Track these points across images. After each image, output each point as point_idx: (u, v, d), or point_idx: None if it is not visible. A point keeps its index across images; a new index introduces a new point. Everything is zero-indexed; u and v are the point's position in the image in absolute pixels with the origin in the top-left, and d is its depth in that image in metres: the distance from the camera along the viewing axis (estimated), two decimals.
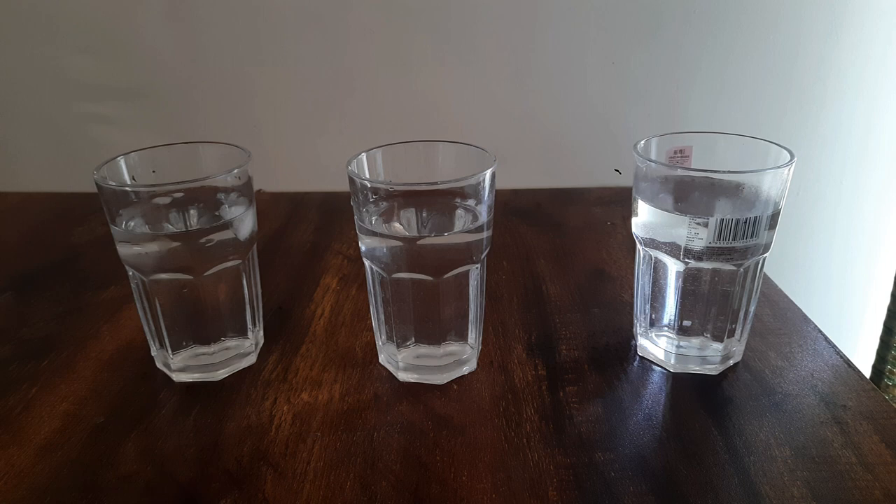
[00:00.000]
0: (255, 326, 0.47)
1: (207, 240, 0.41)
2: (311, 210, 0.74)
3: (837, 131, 0.86)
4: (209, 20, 0.78)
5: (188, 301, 0.43)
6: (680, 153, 0.45)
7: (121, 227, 0.41)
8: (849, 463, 0.37)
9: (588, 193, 0.79)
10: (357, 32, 0.79)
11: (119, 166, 0.43)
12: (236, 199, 0.43)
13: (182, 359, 0.45)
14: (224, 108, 0.83)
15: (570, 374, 0.45)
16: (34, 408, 0.43)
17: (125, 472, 0.37)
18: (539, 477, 0.36)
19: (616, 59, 0.81)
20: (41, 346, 0.49)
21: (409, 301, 0.42)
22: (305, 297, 0.56)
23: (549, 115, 0.84)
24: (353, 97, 0.83)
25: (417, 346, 0.44)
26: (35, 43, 0.80)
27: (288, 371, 0.46)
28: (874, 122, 0.86)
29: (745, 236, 0.40)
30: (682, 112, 0.84)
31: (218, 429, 0.41)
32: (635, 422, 0.41)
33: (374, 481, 0.36)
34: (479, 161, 0.41)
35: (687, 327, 0.44)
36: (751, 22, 0.80)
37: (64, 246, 0.66)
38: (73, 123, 0.84)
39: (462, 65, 0.81)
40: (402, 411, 0.42)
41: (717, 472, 0.37)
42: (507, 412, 0.41)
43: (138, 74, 0.81)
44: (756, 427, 0.40)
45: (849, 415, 0.41)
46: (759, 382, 0.44)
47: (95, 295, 0.56)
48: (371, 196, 0.41)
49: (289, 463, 0.38)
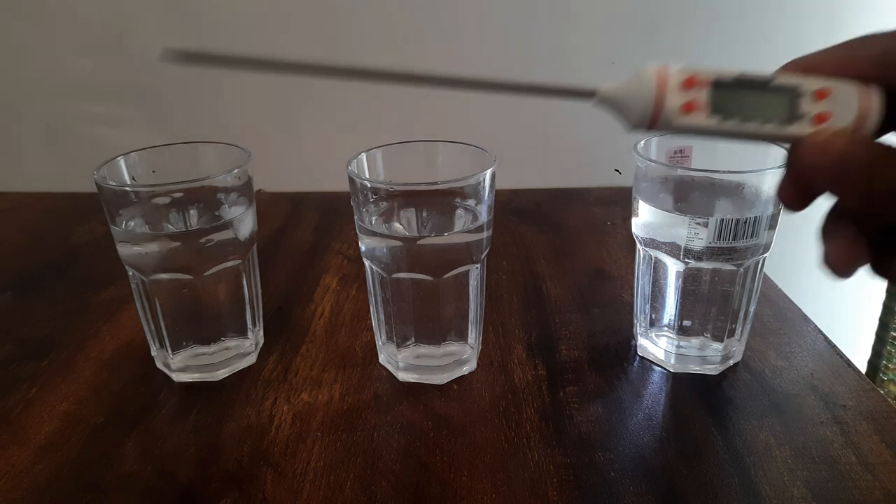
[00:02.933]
0: (255, 326, 0.47)
1: (207, 240, 0.41)
2: (311, 210, 0.74)
3: None
4: (209, 20, 0.78)
5: (188, 301, 0.43)
6: (680, 153, 0.45)
7: (121, 227, 0.41)
8: (849, 463, 0.37)
9: (588, 193, 0.79)
10: (357, 32, 0.79)
11: (119, 166, 0.43)
12: (236, 199, 0.43)
13: (182, 359, 0.45)
14: (224, 108, 0.83)
15: (570, 374, 0.45)
16: (34, 408, 0.43)
17: (125, 472, 0.37)
18: (539, 477, 0.36)
19: (616, 59, 0.81)
20: (41, 346, 0.49)
21: (409, 301, 0.42)
22: (305, 297, 0.56)
23: (549, 115, 0.84)
24: (353, 97, 0.83)
25: (417, 346, 0.44)
26: (35, 43, 0.80)
27: (288, 371, 0.46)
28: None
29: (745, 236, 0.40)
30: None
31: (218, 429, 0.41)
32: (635, 422, 0.41)
33: (374, 481, 0.36)
34: (479, 161, 0.41)
35: (687, 327, 0.44)
36: (750, 21, 0.80)
37: (64, 246, 0.66)
38: (73, 123, 0.84)
39: (462, 64, 0.81)
40: (402, 411, 0.42)
41: (717, 472, 0.37)
42: (507, 412, 0.41)
43: (138, 74, 0.81)
44: (756, 427, 0.40)
45: (849, 415, 0.41)
46: (759, 382, 0.44)
47: (95, 295, 0.56)
48: (371, 196, 0.41)
49: (289, 463, 0.38)
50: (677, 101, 0.25)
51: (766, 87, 0.26)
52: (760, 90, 0.26)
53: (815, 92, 0.25)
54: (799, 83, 0.26)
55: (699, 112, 0.25)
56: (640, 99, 0.25)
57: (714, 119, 0.25)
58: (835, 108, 0.25)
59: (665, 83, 0.25)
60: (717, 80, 0.25)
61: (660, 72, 0.25)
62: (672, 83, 0.25)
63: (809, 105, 0.25)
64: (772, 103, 0.25)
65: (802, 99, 0.25)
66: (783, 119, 0.25)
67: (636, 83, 0.25)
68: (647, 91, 0.25)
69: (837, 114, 0.25)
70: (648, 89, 0.25)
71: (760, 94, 0.26)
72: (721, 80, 0.26)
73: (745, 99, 0.25)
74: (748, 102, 0.25)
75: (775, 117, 0.25)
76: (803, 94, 0.25)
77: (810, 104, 0.25)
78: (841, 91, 0.25)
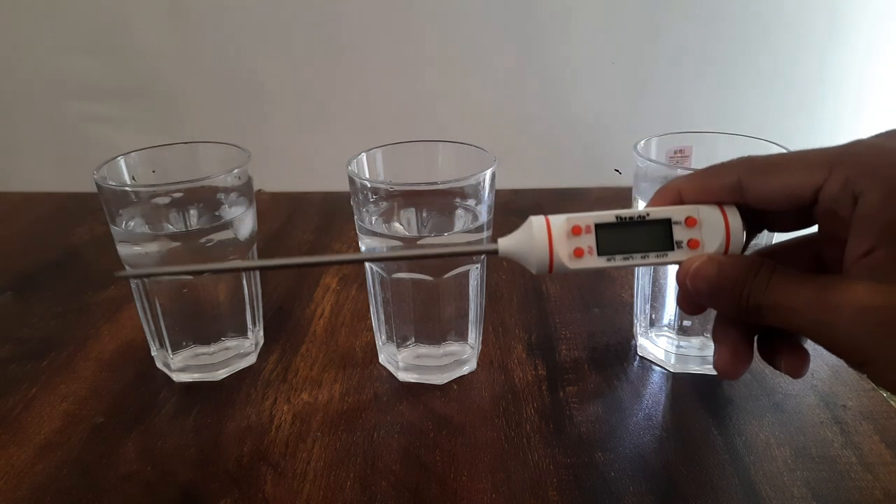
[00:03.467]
0: (255, 326, 0.47)
1: (207, 240, 0.41)
2: (311, 210, 0.74)
3: (837, 131, 0.86)
4: (209, 20, 0.78)
5: (188, 301, 0.43)
6: (680, 153, 0.45)
7: (121, 227, 0.41)
8: (849, 463, 0.37)
9: (588, 193, 0.79)
10: (357, 32, 0.79)
11: (119, 166, 0.43)
12: (236, 199, 0.43)
13: (182, 359, 0.45)
14: (224, 108, 0.83)
15: (570, 374, 0.45)
16: (34, 408, 0.43)
17: (125, 472, 0.37)
18: (539, 477, 0.36)
19: (616, 59, 0.81)
20: (41, 346, 0.49)
21: (409, 301, 0.42)
22: (305, 297, 0.56)
23: (549, 115, 0.84)
24: (353, 97, 0.83)
25: (417, 346, 0.44)
26: (35, 43, 0.80)
27: (288, 371, 0.46)
28: (874, 121, 0.86)
29: None
30: (682, 112, 0.84)
31: (218, 429, 0.41)
32: (635, 422, 0.41)
33: (374, 481, 0.36)
34: (479, 161, 0.41)
35: (687, 327, 0.44)
36: (751, 22, 0.80)
37: (64, 246, 0.66)
38: (73, 123, 0.84)
39: (462, 65, 0.81)
40: (402, 411, 0.42)
41: (717, 472, 0.37)
42: (507, 412, 0.41)
43: (138, 74, 0.81)
44: (756, 427, 0.40)
45: (849, 415, 0.41)
46: (759, 382, 0.44)
47: (95, 295, 0.56)
48: (371, 196, 0.41)
49: (289, 463, 0.38)
50: (567, 249, 0.28)
51: (642, 222, 0.29)
52: (638, 225, 0.29)
53: (685, 220, 0.28)
54: (670, 214, 0.28)
55: (588, 256, 0.29)
56: (535, 251, 0.29)
57: (602, 259, 0.29)
58: (705, 233, 0.28)
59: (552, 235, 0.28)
60: (598, 223, 0.29)
61: (548, 224, 0.29)
62: (558, 234, 0.28)
63: (682, 233, 0.28)
64: (649, 236, 0.28)
65: (675, 228, 0.28)
66: (661, 249, 0.28)
67: (528, 237, 0.29)
68: (539, 244, 0.28)
69: (708, 238, 0.28)
70: (541, 243, 0.28)
71: (638, 229, 0.29)
72: (602, 223, 0.29)
73: (625, 236, 0.29)
74: (629, 239, 0.29)
75: (654, 249, 0.29)
76: (675, 223, 0.28)
77: (682, 232, 0.28)
78: (707, 216, 0.28)
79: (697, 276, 0.27)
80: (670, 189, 0.29)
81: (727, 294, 0.26)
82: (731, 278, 0.26)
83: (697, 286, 0.27)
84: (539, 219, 0.29)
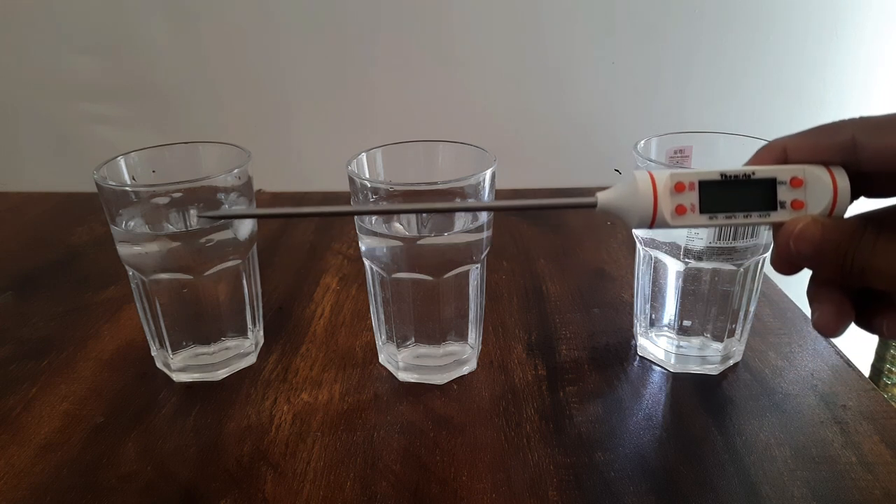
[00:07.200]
0: (255, 326, 0.47)
1: (207, 240, 0.41)
2: None
3: None
4: (209, 20, 0.78)
5: (188, 301, 0.43)
6: (680, 153, 0.45)
7: (121, 227, 0.41)
8: (849, 463, 0.37)
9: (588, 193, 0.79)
10: (357, 32, 0.79)
11: (119, 166, 0.43)
12: (236, 199, 0.43)
13: (182, 359, 0.45)
14: (224, 108, 0.83)
15: (570, 374, 0.45)
16: (34, 408, 0.43)
17: (125, 472, 0.37)
18: (539, 477, 0.36)
19: (616, 59, 0.81)
20: (41, 346, 0.49)
21: (409, 301, 0.42)
22: (305, 297, 0.56)
23: (549, 115, 0.84)
24: (354, 97, 0.83)
25: (417, 346, 0.44)
26: (35, 43, 0.80)
27: (288, 371, 0.46)
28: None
29: (745, 236, 0.40)
30: (682, 112, 0.84)
31: (218, 429, 0.41)
32: (635, 422, 0.41)
33: (374, 481, 0.36)
34: (479, 161, 0.41)
35: (687, 327, 0.44)
36: (751, 21, 0.80)
37: (64, 246, 0.66)
38: (73, 123, 0.84)
39: (462, 65, 0.81)
40: (402, 411, 0.42)
41: (717, 472, 0.37)
42: (507, 412, 0.41)
43: (138, 74, 0.81)
44: (756, 427, 0.40)
45: (849, 415, 0.41)
46: (759, 382, 0.44)
47: (95, 295, 0.56)
48: (371, 196, 0.41)
49: (289, 463, 0.38)
50: (670, 205, 0.28)
51: (746, 181, 0.28)
52: (742, 184, 0.28)
53: (791, 180, 0.28)
54: (775, 174, 0.28)
55: (690, 213, 0.28)
56: (637, 206, 0.28)
57: (704, 217, 0.28)
58: (810, 194, 0.28)
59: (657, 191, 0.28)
60: (702, 181, 0.28)
61: (652, 179, 0.28)
62: (663, 190, 0.28)
63: (786, 193, 0.28)
64: (752, 196, 0.28)
65: (780, 188, 0.28)
66: (764, 209, 0.28)
67: (632, 192, 0.29)
68: (643, 199, 0.28)
69: (812, 199, 0.28)
70: (645, 198, 0.28)
71: (742, 188, 0.28)
72: (706, 181, 0.28)
73: (728, 195, 0.28)
74: (731, 198, 0.28)
75: (757, 209, 0.28)
76: (780, 183, 0.28)
77: (787, 192, 0.28)
78: (814, 177, 0.27)
79: (801, 237, 0.26)
80: (775, 147, 0.28)
81: (831, 256, 0.26)
82: (834, 241, 0.26)
83: (800, 248, 0.27)
84: (643, 173, 0.29)
